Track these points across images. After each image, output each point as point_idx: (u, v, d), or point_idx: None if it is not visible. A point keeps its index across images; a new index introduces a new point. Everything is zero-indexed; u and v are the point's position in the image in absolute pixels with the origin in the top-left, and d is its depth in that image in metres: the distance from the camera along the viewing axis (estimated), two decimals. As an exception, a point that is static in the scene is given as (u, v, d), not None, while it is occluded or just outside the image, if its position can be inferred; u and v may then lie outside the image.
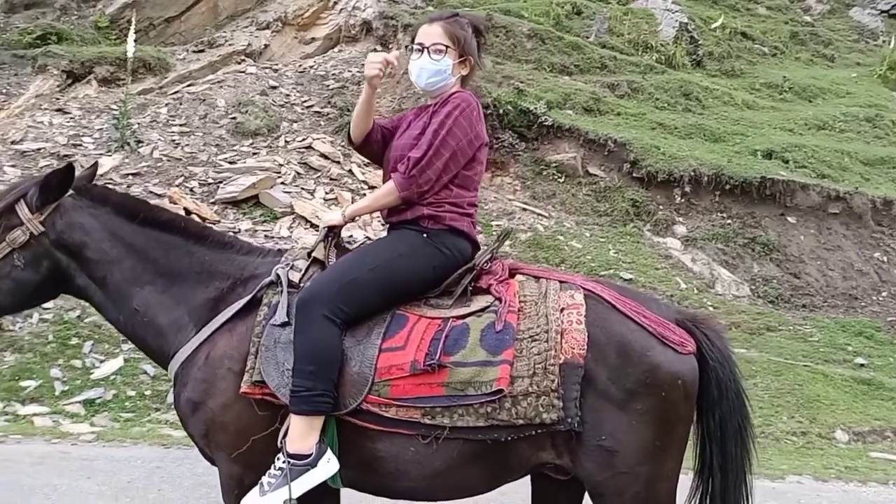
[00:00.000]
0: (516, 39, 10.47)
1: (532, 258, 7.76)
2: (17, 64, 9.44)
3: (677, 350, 2.16)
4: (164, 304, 2.36)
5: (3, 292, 2.32)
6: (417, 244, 2.33)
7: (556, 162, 8.96)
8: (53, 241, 2.33)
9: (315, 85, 9.49)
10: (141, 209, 2.48)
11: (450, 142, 2.32)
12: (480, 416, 2.09)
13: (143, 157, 7.77)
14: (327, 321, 2.15)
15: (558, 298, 2.20)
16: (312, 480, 2.13)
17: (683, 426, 2.22)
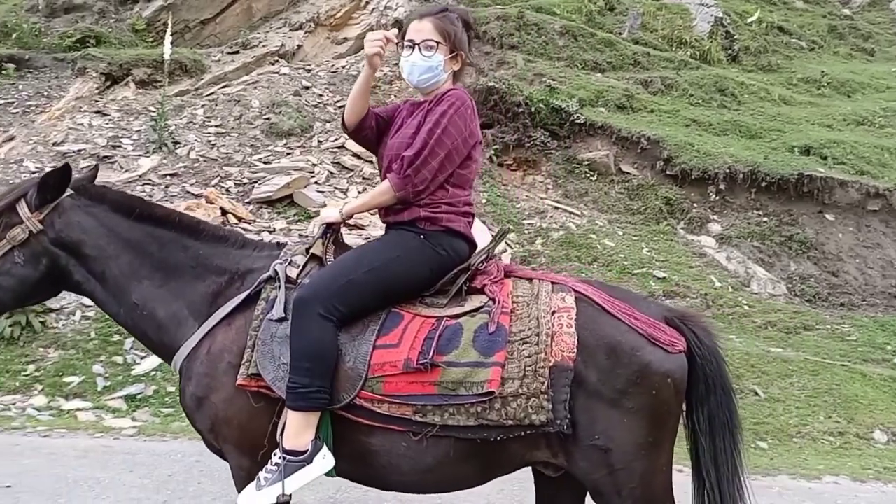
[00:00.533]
0: (548, 37, 10.42)
1: (564, 257, 7.73)
2: (57, 67, 9.65)
3: (667, 350, 2.19)
4: (162, 297, 2.40)
5: (3, 288, 2.37)
6: (414, 246, 2.34)
7: (588, 160, 8.89)
8: (52, 238, 2.39)
9: (347, 85, 9.53)
10: (137, 206, 2.53)
11: (445, 141, 2.32)
12: (471, 415, 2.12)
13: (180, 157, 7.88)
14: (323, 320, 2.18)
15: (549, 301, 2.22)
16: (307, 476, 2.17)
17: (674, 421, 2.27)
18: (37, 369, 5.34)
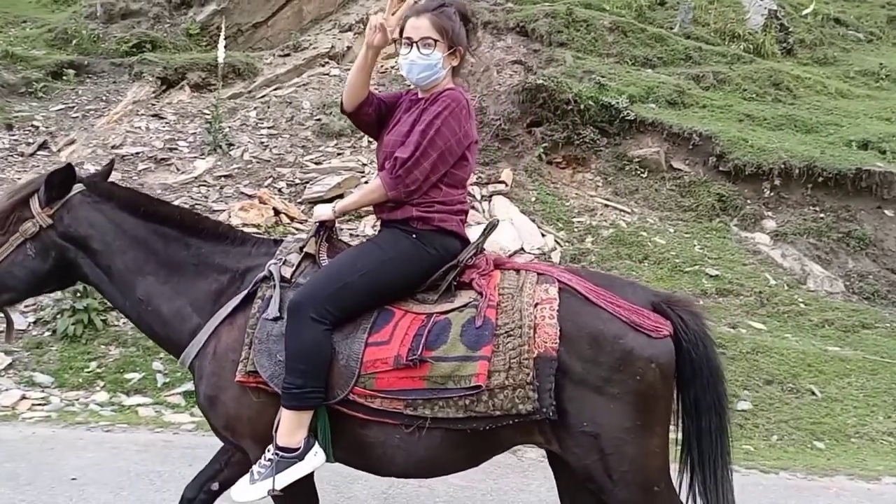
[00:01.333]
0: (597, 33, 10.31)
1: (614, 255, 7.66)
2: (115, 72, 9.95)
3: (650, 335, 2.23)
4: (165, 294, 2.48)
5: (17, 278, 2.49)
6: (406, 247, 2.37)
7: (638, 157, 8.78)
8: (61, 233, 2.49)
9: (396, 84, 9.57)
10: (143, 203, 2.62)
11: (438, 142, 2.34)
12: (460, 408, 2.18)
13: (234, 159, 8.04)
14: (317, 324, 2.23)
15: (533, 293, 2.26)
16: (298, 473, 2.24)
17: (664, 405, 2.29)
18: (99, 366, 5.49)
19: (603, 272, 3.66)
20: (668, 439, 2.34)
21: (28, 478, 3.89)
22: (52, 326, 5.69)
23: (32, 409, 5.01)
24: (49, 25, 10.78)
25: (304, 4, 10.84)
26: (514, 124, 8.72)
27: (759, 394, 5.77)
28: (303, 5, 10.84)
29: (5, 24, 11.23)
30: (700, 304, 2.85)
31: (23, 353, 5.54)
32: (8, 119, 8.91)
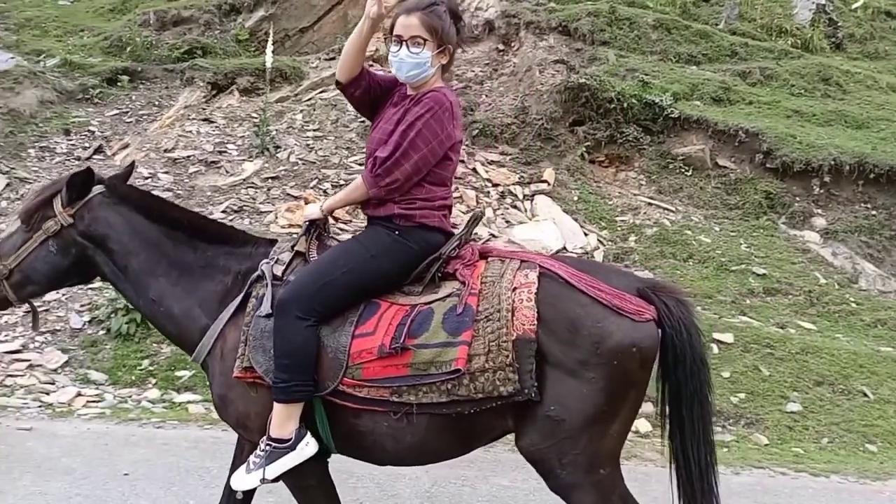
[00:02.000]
0: (641, 31, 10.20)
1: (658, 254, 7.59)
2: (167, 77, 10.24)
3: (633, 318, 2.22)
4: (175, 294, 2.58)
5: (39, 272, 2.63)
6: (388, 243, 2.43)
7: (682, 155, 8.67)
8: (81, 231, 2.62)
9: (441, 86, 9.69)
10: (156, 207, 2.73)
11: (419, 143, 2.37)
12: (442, 392, 2.23)
13: (281, 161, 8.17)
14: (301, 321, 2.30)
15: (513, 278, 2.29)
16: (291, 462, 2.33)
17: (636, 391, 2.29)
18: (151, 364, 5.62)
19: (589, 259, 3.63)
20: (630, 425, 2.36)
21: (83, 472, 4.02)
22: (107, 325, 5.85)
23: (87, 405, 5.15)
24: (105, 34, 11.14)
25: (348, 9, 10.94)
26: (556, 123, 8.69)
27: (809, 395, 5.65)
28: (347, 10, 10.94)
29: (64, 34, 11.65)
30: (687, 292, 2.80)
31: (78, 351, 5.73)
32: (66, 124, 9.26)
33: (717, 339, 6.07)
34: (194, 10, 11.09)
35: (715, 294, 7.00)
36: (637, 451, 4.78)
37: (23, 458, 4.15)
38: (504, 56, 9.86)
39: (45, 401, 5.14)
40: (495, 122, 8.78)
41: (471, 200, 7.75)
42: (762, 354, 5.97)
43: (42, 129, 9.15)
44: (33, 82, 9.68)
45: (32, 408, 4.99)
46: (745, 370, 5.80)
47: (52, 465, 4.10)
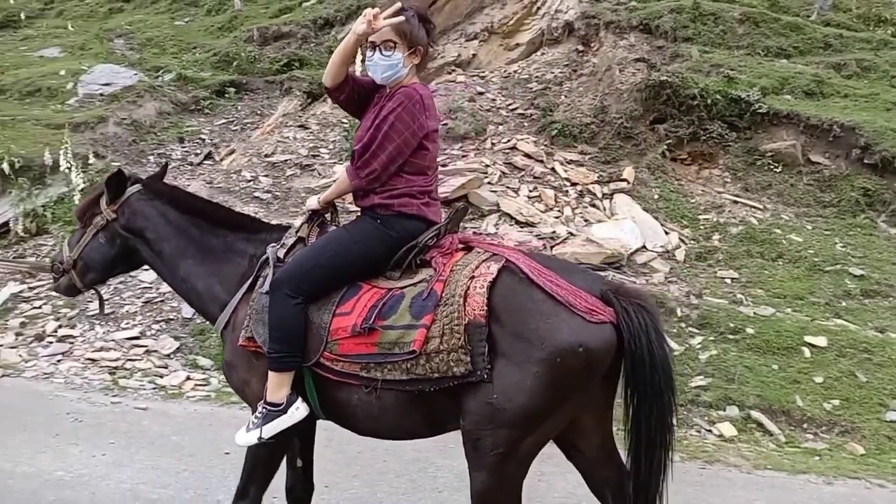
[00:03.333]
0: (726, 25, 9.96)
1: (744, 253, 7.43)
2: (268, 88, 10.94)
3: (584, 318, 2.23)
4: (200, 274, 2.92)
5: (94, 261, 3.06)
6: (369, 230, 2.64)
7: (771, 151, 8.40)
8: (123, 224, 3.02)
9: (519, 88, 9.80)
10: (184, 199, 3.11)
11: (392, 135, 2.54)
12: (403, 370, 2.39)
13: (368, 164, 8.63)
14: (291, 298, 2.55)
15: (475, 268, 2.40)
16: (283, 424, 2.58)
17: (577, 392, 2.29)
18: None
19: (562, 259, 3.55)
20: (560, 426, 2.37)
21: (190, 450, 4.38)
22: (213, 315, 6.40)
23: (195, 388, 5.58)
24: (214, 50, 12.00)
25: (433, 18, 11.22)
26: (636, 122, 8.66)
27: (911, 404, 5.39)
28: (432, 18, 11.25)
29: (180, 51, 12.64)
30: (651, 297, 2.73)
31: (188, 339, 6.26)
32: (180, 133, 10.11)
33: (808, 342, 5.86)
34: (293, 25, 11.76)
35: (807, 295, 6.71)
36: (721, 456, 4.71)
37: (139, 435, 4.58)
38: (583, 56, 9.90)
39: (159, 383, 5.64)
40: (574, 122, 8.85)
41: (549, 200, 7.88)
42: (859, 360, 5.69)
43: (160, 138, 10.03)
44: (153, 96, 10.63)
45: (148, 389, 5.51)
46: (839, 376, 5.56)
47: (164, 442, 4.53)
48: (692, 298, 6.49)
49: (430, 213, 2.69)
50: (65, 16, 15.96)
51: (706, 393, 5.41)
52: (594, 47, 9.87)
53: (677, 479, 2.50)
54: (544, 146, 8.74)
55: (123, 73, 11.36)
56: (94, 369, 5.88)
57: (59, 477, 3.98)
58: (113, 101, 10.61)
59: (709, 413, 5.29)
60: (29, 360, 6.05)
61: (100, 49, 12.83)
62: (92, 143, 9.46)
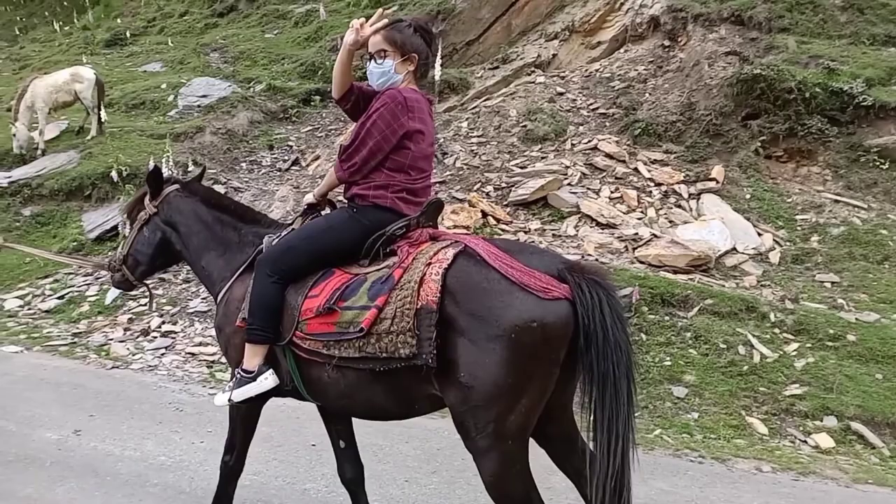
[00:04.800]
0: (826, 13, 9.44)
1: (846, 255, 7.03)
2: (352, 95, 11.19)
3: (538, 296, 2.30)
4: (218, 264, 3.20)
5: (141, 253, 3.43)
6: (344, 218, 2.84)
7: (878, 146, 7.90)
8: (162, 219, 3.37)
9: (600, 87, 9.64)
10: (213, 197, 3.44)
11: (373, 132, 2.72)
12: (355, 349, 2.53)
13: (447, 167, 8.64)
14: (268, 278, 2.77)
15: (433, 255, 2.50)
16: (252, 391, 2.82)
17: (542, 367, 2.34)
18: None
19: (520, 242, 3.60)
20: (540, 401, 2.39)
21: (279, 440, 4.59)
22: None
23: None
24: (301, 60, 12.41)
25: (512, 19, 11.23)
26: (726, 118, 8.35)
27: None
28: (511, 20, 11.24)
29: (270, 62, 13.15)
30: (608, 273, 2.67)
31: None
32: (270, 140, 10.52)
33: (917, 348, 5.52)
34: (375, 31, 11.98)
35: (915, 301, 6.32)
36: (816, 468, 4.52)
37: (230, 426, 4.88)
38: (669, 52, 9.62)
39: (250, 378, 5.94)
40: (659, 121, 8.61)
41: (632, 200, 7.70)
42: (971, 369, 5.33)
43: (251, 146, 10.47)
44: (245, 106, 11.11)
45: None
46: (957, 384, 5.20)
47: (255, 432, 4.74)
48: (787, 303, 6.19)
49: (405, 207, 2.82)
50: (165, 32, 16.90)
51: (801, 402, 5.16)
52: (681, 42, 9.59)
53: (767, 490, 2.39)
54: (627, 146, 8.55)
55: (218, 85, 11.94)
56: (193, 363, 6.25)
57: (161, 462, 4.23)
58: (209, 112, 11.17)
59: (804, 423, 5.05)
60: (136, 354, 6.49)
61: (197, 63, 13.52)
62: (191, 152, 10.00)
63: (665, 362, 5.65)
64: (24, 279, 8.60)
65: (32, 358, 6.44)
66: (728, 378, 5.46)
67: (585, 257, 6.81)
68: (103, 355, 6.48)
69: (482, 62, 11.16)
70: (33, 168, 10.46)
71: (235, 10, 16.26)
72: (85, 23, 19.45)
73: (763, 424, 5.06)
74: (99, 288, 7.93)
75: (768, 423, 5.08)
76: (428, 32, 2.91)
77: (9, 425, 4.78)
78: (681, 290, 6.17)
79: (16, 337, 7.02)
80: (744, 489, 4.14)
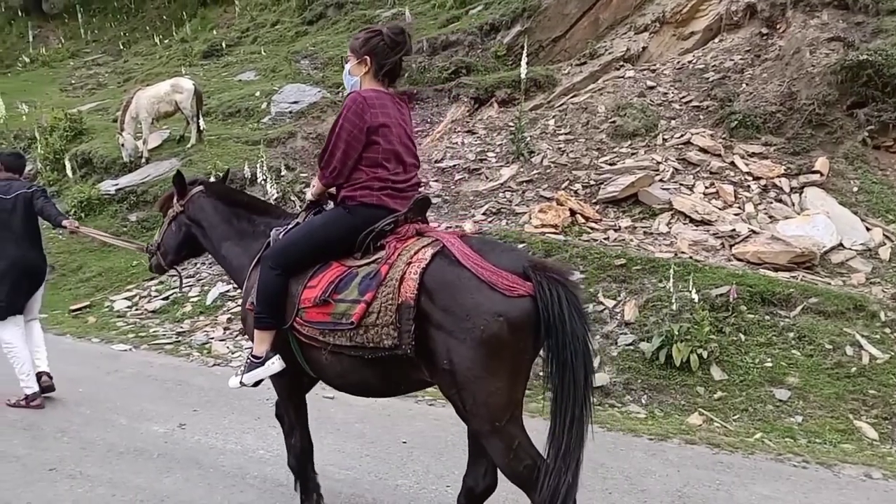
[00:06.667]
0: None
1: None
2: (437, 97, 11.28)
3: (503, 293, 2.55)
4: (236, 253, 3.55)
5: (170, 244, 3.86)
6: (338, 217, 3.09)
7: None
8: (188, 216, 3.77)
9: (694, 79, 9.32)
10: (231, 194, 3.82)
11: (342, 135, 2.95)
12: (347, 338, 2.80)
13: (534, 165, 8.58)
14: (272, 270, 3.05)
15: (414, 254, 2.75)
16: (261, 374, 3.12)
17: (512, 356, 2.59)
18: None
19: (493, 240, 3.90)
20: (515, 384, 2.63)
21: (371, 437, 4.70)
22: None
23: None
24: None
25: (600, 13, 11.03)
26: (830, 108, 7.90)
27: None
28: (599, 13, 11.03)
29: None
30: (568, 272, 2.79)
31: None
32: (357, 145, 10.72)
33: None
34: (460, 33, 12.05)
35: None
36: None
37: (326, 422, 4.92)
38: (768, 40, 9.19)
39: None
40: (757, 112, 8.24)
41: (728, 196, 7.40)
42: None
43: (340, 150, 10.70)
44: (334, 111, 11.39)
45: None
46: None
47: (348, 429, 4.86)
48: (900, 301, 5.80)
49: (392, 202, 3.04)
50: (258, 42, 17.56)
51: (918, 407, 4.82)
52: (780, 29, 9.15)
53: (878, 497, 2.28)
54: (722, 139, 8.23)
55: (309, 91, 12.30)
56: (287, 362, 6.44)
57: (260, 455, 4.40)
58: (300, 118, 11.52)
59: (921, 429, 4.71)
60: (235, 352, 6.76)
61: (288, 70, 13.98)
62: (283, 157, 10.34)
63: (766, 363, 5.42)
64: (131, 281, 9.15)
65: (140, 356, 6.83)
66: (834, 380, 5.20)
67: (679, 255, 6.61)
68: (205, 353, 6.79)
69: (569, 58, 11.02)
70: (138, 176, 11.11)
71: (324, 18, 16.70)
72: (183, 35, 20.45)
73: (872, 429, 4.81)
74: (200, 289, 8.33)
75: (878, 427, 4.82)
76: (381, 36, 3.10)
77: (120, 419, 5.08)
78: (782, 289, 5.90)
79: (125, 336, 7.47)
80: (852, 496, 3.94)
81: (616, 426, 4.92)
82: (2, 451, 4.48)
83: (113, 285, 9.19)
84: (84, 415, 5.16)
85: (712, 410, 5.15)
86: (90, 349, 7.11)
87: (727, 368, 5.45)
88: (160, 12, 23.73)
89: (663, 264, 6.30)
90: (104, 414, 5.17)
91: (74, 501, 3.83)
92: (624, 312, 6.02)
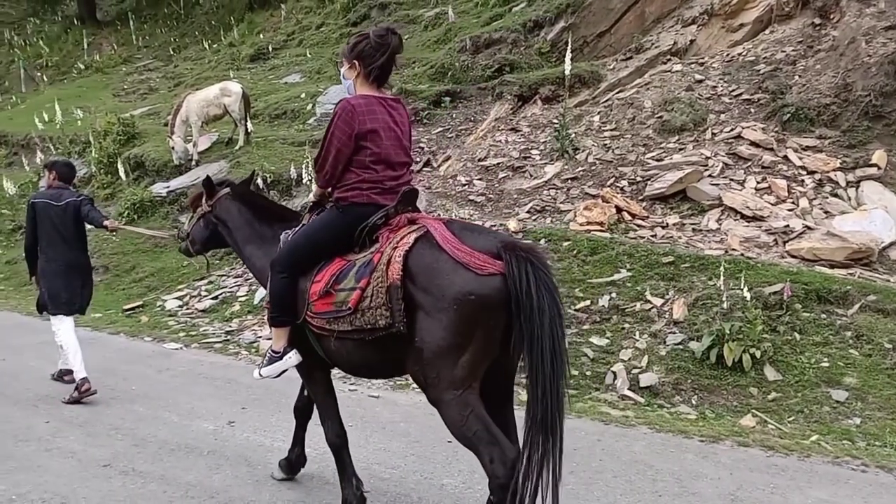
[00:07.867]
0: None
1: None
2: (480, 95, 11.25)
3: (476, 272, 2.70)
4: (258, 255, 3.83)
5: (198, 237, 4.25)
6: (333, 217, 3.31)
7: None
8: (214, 215, 4.10)
9: (744, 72, 9.08)
10: (256, 200, 4.10)
11: (333, 141, 3.16)
12: (347, 322, 3.02)
13: (579, 162, 8.49)
14: (280, 274, 3.31)
15: (400, 240, 2.93)
16: (280, 368, 3.40)
17: (483, 331, 2.73)
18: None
19: (472, 223, 3.93)
20: (481, 358, 2.77)
21: (416, 436, 4.72)
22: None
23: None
24: (430, 62, 12.62)
25: (645, 6, 10.82)
26: (887, 99, 7.62)
27: None
28: (644, 7, 10.83)
29: (401, 66, 13.46)
30: (539, 251, 2.84)
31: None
32: (401, 145, 10.75)
33: None
34: (503, 31, 11.98)
35: None
36: None
37: (372, 420, 5.01)
38: (821, 30, 8.89)
39: (390, 375, 6.12)
40: (810, 104, 7.99)
41: (781, 191, 7.19)
42: None
43: (384, 150, 10.74)
44: (376, 111, 11.43)
45: (379, 381, 5.92)
46: None
47: (393, 427, 4.90)
48: (966, 299, 5.55)
49: (382, 199, 3.23)
50: (304, 45, 17.81)
51: None
52: (834, 19, 8.85)
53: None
54: (774, 133, 8.00)
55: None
56: (334, 361, 6.51)
57: (307, 453, 4.42)
58: (344, 118, 11.56)
59: None
60: (281, 351, 6.84)
61: (333, 72, 14.11)
62: (327, 158, 10.40)
63: (822, 363, 5.25)
64: (182, 281, 9.37)
65: (191, 354, 6.98)
66: (895, 381, 5.02)
67: (729, 252, 6.45)
68: (253, 352, 6.91)
69: (614, 53, 10.86)
70: (188, 178, 11.37)
71: (368, 19, 16.83)
72: (231, 40, 20.87)
73: (936, 432, 4.62)
74: (248, 289, 8.47)
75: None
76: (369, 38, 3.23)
77: (171, 416, 5.19)
78: (839, 286, 5.71)
79: (176, 335, 7.65)
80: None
81: (665, 427, 4.84)
82: (59, 447, 4.62)
83: (164, 285, 9.42)
84: (137, 412, 5.29)
85: (766, 412, 5.02)
86: (143, 348, 7.29)
87: (781, 368, 5.31)
88: (209, 18, 24.27)
89: (713, 262, 6.17)
90: (156, 411, 5.30)
91: (127, 497, 3.92)
92: (672, 311, 5.91)
